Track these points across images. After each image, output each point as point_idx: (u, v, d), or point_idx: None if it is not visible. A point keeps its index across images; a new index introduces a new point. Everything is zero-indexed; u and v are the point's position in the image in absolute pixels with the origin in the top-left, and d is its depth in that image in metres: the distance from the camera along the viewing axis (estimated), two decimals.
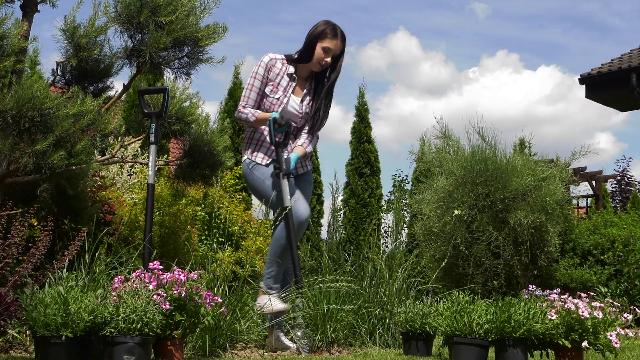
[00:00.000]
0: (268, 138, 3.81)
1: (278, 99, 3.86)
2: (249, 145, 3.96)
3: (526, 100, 37.35)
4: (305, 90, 3.94)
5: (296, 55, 3.88)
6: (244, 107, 3.88)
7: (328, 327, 3.57)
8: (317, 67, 3.84)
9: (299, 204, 3.71)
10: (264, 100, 3.89)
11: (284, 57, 3.91)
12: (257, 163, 3.86)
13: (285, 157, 3.73)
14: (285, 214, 3.60)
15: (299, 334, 3.49)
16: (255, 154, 3.90)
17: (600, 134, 33.93)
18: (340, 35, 3.82)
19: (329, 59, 3.80)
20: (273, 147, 3.78)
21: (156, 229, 5.72)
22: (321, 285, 3.86)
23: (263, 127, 3.86)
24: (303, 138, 3.94)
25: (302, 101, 3.93)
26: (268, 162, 3.84)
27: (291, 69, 3.88)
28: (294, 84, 3.90)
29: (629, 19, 37.11)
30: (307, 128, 3.97)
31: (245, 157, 3.95)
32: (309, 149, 3.95)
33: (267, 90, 3.87)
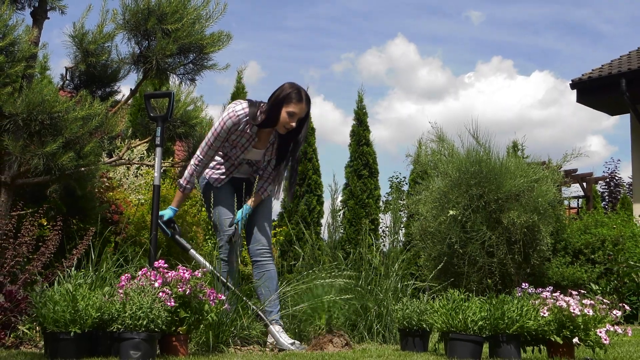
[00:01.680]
0: (218, 172, 3.77)
1: (235, 153, 3.72)
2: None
3: (520, 105, 37.35)
4: (269, 144, 3.75)
5: (260, 119, 3.63)
6: (199, 161, 3.71)
7: (325, 316, 3.58)
8: (282, 130, 3.64)
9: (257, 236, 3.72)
10: (225, 146, 3.73)
11: (247, 113, 3.63)
12: (209, 183, 3.79)
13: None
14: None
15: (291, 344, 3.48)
16: (210, 172, 3.81)
17: (591, 137, 33.92)
18: (305, 99, 3.64)
19: (294, 123, 3.62)
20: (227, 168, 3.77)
21: None
22: (321, 281, 3.86)
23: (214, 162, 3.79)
24: (262, 180, 3.78)
25: (265, 152, 3.76)
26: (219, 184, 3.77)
27: (253, 129, 3.66)
28: (253, 142, 3.70)
29: (620, 26, 37.12)
30: (270, 168, 3.80)
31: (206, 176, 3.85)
32: (265, 194, 3.78)
33: (230, 139, 3.69)
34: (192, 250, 3.66)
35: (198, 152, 3.71)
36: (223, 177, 3.77)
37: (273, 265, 3.71)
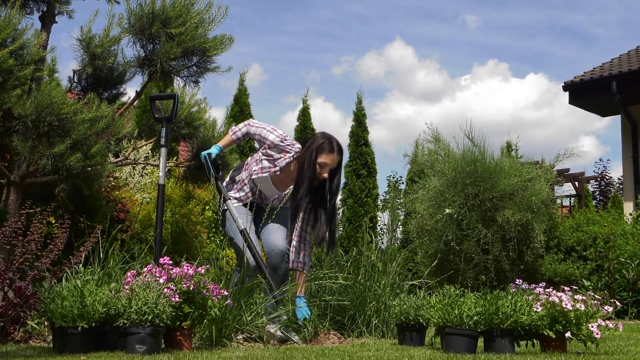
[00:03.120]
0: (241, 192, 3.72)
1: (255, 171, 3.66)
2: (234, 184, 3.81)
3: (515, 106, 37.37)
4: (283, 192, 3.70)
5: (293, 166, 3.62)
6: (247, 126, 3.74)
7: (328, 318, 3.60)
8: (314, 181, 3.58)
9: (274, 237, 3.65)
10: (251, 163, 3.71)
11: (285, 149, 3.62)
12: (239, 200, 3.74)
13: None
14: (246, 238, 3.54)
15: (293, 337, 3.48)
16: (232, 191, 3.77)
17: (584, 138, 33.93)
18: (337, 150, 3.56)
19: (326, 174, 3.55)
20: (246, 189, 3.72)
21: (168, 227, 5.73)
22: (321, 281, 3.87)
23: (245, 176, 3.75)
24: (297, 254, 3.69)
25: (278, 197, 3.71)
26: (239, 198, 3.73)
27: (282, 163, 3.62)
28: (272, 173, 3.64)
29: (612, 30, 37.15)
30: (306, 234, 3.71)
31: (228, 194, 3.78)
32: (305, 270, 3.72)
33: (256, 156, 3.70)
34: (228, 202, 3.63)
35: (252, 122, 3.74)
36: (241, 197, 3.74)
37: (287, 264, 3.67)
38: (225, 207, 3.69)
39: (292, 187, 3.69)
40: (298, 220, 3.72)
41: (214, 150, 3.72)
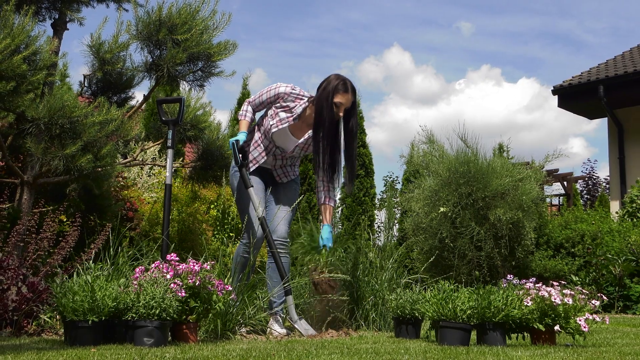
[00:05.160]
0: (262, 148, 3.68)
1: (274, 124, 3.62)
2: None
3: (507, 110, 37.40)
4: (304, 139, 3.67)
5: (309, 110, 3.60)
6: (249, 103, 3.70)
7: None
8: (333, 121, 3.54)
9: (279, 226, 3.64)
10: (268, 119, 3.66)
11: (298, 96, 3.62)
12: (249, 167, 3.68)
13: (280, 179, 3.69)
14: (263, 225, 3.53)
15: (303, 323, 3.49)
16: (252, 160, 3.70)
17: (573, 140, 33.95)
18: (351, 90, 3.55)
19: (341, 113, 3.53)
20: (262, 154, 3.69)
21: (175, 225, 5.73)
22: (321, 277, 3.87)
23: (256, 134, 3.71)
24: (324, 193, 3.68)
25: (298, 145, 3.68)
26: (255, 167, 3.67)
27: (299, 108, 3.61)
28: (291, 122, 3.62)
29: (601, 36, 37.18)
30: (322, 173, 3.66)
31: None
32: (332, 204, 3.71)
33: (270, 112, 3.64)
34: (251, 189, 3.58)
35: (250, 98, 3.71)
36: (257, 158, 3.68)
37: (287, 257, 3.65)
38: (234, 177, 3.68)
39: (309, 132, 3.65)
40: (319, 162, 3.64)
41: (241, 137, 3.60)
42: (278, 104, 3.64)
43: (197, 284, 2.88)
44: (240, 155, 3.58)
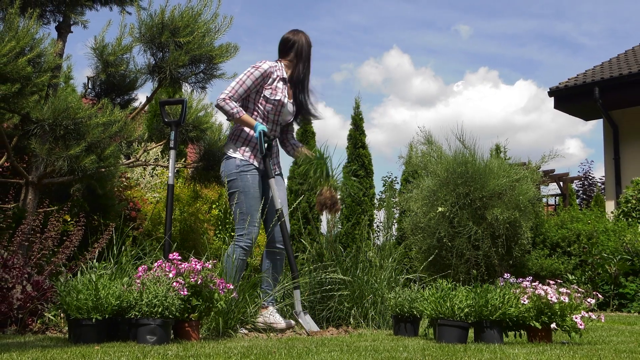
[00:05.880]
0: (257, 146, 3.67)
1: (279, 100, 3.69)
2: (243, 144, 3.68)
3: (504, 111, 37.44)
4: (292, 91, 3.84)
5: (291, 72, 3.81)
6: (229, 98, 3.59)
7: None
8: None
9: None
10: (265, 103, 3.68)
11: (277, 62, 3.80)
12: (255, 167, 3.67)
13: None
14: (280, 217, 3.59)
15: (307, 318, 3.50)
16: (253, 156, 3.67)
17: (570, 141, 33.97)
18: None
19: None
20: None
21: (177, 225, 5.72)
22: (322, 276, 3.87)
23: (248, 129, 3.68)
24: (293, 139, 3.95)
25: (293, 101, 3.84)
26: (260, 167, 3.68)
27: (285, 74, 3.76)
28: (287, 87, 3.77)
29: (597, 39, 37.23)
30: (290, 127, 3.94)
31: (235, 155, 3.66)
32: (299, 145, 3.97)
33: (267, 93, 3.68)
34: (271, 180, 3.65)
35: (226, 90, 3.63)
36: (254, 153, 3.67)
37: (283, 254, 3.74)
38: (232, 170, 3.67)
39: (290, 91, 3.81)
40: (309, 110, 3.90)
41: (264, 127, 3.60)
42: (264, 81, 3.70)
43: (199, 282, 2.88)
44: (266, 145, 3.62)
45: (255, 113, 3.72)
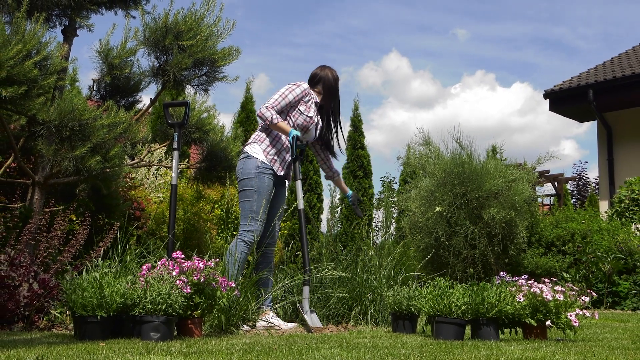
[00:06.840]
0: (288, 152, 3.79)
1: (311, 117, 3.86)
2: (269, 146, 3.78)
3: (501, 113, 37.44)
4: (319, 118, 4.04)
5: (330, 107, 4.03)
6: (272, 107, 3.72)
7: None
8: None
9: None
10: (298, 116, 3.82)
11: (308, 89, 3.95)
12: (274, 172, 3.75)
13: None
14: (301, 216, 3.70)
15: (313, 317, 3.52)
16: (274, 161, 3.76)
17: (565, 142, 33.95)
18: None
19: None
20: (287, 159, 3.79)
21: (180, 224, 5.73)
22: (322, 274, 3.87)
23: (283, 137, 3.79)
24: (329, 163, 4.17)
25: (318, 129, 4.02)
26: (282, 174, 3.78)
27: (317, 99, 3.96)
28: (316, 111, 3.97)
29: (592, 42, 37.21)
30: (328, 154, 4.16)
31: (258, 157, 3.73)
32: (337, 175, 4.23)
33: (302, 108, 3.84)
34: (298, 182, 3.74)
35: (271, 101, 3.77)
36: (276, 158, 3.77)
37: (273, 255, 3.86)
38: (251, 168, 3.71)
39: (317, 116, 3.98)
40: (334, 139, 4.13)
41: (297, 132, 3.73)
42: (302, 99, 3.87)
43: (202, 280, 2.88)
44: (298, 149, 3.72)
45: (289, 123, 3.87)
